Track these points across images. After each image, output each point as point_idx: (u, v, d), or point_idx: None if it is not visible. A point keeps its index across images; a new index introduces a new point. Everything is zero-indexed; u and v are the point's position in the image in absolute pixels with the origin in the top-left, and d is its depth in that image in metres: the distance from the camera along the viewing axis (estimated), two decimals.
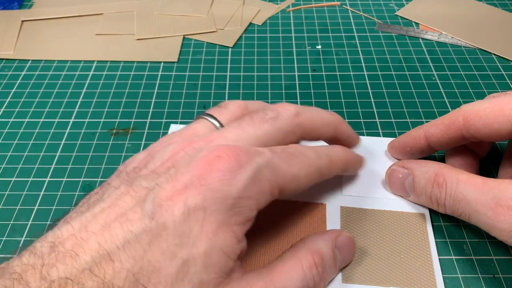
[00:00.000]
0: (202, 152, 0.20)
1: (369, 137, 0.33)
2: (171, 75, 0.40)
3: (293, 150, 0.23)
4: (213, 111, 0.25)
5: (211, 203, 0.19)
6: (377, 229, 0.27)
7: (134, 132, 0.35)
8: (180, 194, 0.19)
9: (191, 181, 0.19)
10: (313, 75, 0.40)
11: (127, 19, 0.47)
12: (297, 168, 0.22)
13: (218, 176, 0.19)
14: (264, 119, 0.23)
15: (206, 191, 0.19)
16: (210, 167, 0.19)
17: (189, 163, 0.20)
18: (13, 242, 0.27)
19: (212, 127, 0.24)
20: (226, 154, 0.20)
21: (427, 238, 0.27)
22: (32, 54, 0.43)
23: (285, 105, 0.25)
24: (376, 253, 0.26)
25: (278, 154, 0.22)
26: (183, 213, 0.18)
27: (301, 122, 0.24)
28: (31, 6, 0.49)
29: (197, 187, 0.19)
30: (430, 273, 0.25)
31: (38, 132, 0.35)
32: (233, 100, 0.26)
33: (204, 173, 0.19)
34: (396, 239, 0.26)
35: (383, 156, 0.31)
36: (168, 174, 0.20)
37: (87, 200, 0.22)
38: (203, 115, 0.25)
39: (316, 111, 0.26)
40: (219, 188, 0.19)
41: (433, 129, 0.28)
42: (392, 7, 0.49)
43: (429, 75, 0.40)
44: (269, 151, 0.21)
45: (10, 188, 0.31)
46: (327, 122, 0.26)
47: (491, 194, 0.23)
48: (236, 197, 0.19)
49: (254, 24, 0.47)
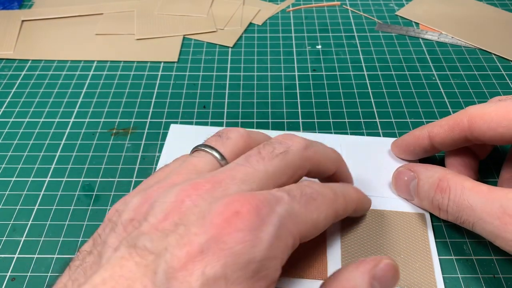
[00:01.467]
0: (215, 206, 0.18)
1: (371, 137, 0.33)
2: (171, 75, 0.40)
3: (311, 190, 0.21)
4: (213, 141, 0.23)
5: (232, 270, 0.16)
6: (377, 229, 0.27)
7: (134, 132, 0.35)
8: (196, 261, 0.16)
9: (208, 245, 0.17)
10: (313, 75, 0.40)
11: (127, 19, 0.47)
12: (317, 213, 0.21)
13: (240, 237, 0.17)
14: (273, 154, 0.21)
15: (227, 256, 0.16)
16: (229, 226, 0.17)
17: (202, 219, 0.17)
18: (13, 242, 0.27)
19: (214, 161, 0.22)
20: (245, 209, 0.17)
21: (427, 238, 0.27)
22: (32, 54, 0.43)
23: (292, 137, 0.23)
24: (376, 253, 0.26)
25: (297, 199, 0.20)
26: (201, 284, 0.16)
27: (310, 156, 0.23)
28: (31, 6, 0.49)
29: (215, 252, 0.16)
30: (430, 273, 0.25)
31: (38, 132, 0.35)
32: (233, 127, 0.24)
33: (222, 235, 0.17)
34: (396, 239, 0.26)
35: (385, 156, 0.31)
36: (177, 234, 0.17)
37: (81, 261, 0.19)
38: (202, 147, 0.23)
39: (321, 145, 0.25)
40: (241, 251, 0.17)
41: (437, 129, 0.28)
42: (392, 7, 0.49)
43: (429, 75, 0.40)
44: (287, 196, 0.20)
45: (10, 188, 0.31)
46: (331, 158, 0.25)
47: (498, 203, 0.22)
48: (260, 260, 0.17)
49: (254, 24, 0.47)
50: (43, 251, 0.27)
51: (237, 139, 0.23)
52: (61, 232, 0.28)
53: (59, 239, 0.28)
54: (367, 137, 0.33)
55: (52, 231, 0.28)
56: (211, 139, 0.23)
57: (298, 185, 0.21)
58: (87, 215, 0.29)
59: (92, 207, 0.29)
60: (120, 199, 0.22)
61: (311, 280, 0.24)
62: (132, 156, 0.33)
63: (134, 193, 0.22)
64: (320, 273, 0.25)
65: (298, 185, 0.21)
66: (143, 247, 0.17)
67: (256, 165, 0.21)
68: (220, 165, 0.22)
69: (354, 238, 0.26)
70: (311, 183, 0.22)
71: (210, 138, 0.24)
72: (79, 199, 0.30)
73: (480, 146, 0.29)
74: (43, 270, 0.26)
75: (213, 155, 0.22)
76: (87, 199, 0.30)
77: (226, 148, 0.23)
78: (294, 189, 0.20)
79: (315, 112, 0.36)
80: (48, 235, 0.28)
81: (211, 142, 0.23)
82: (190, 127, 0.34)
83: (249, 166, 0.20)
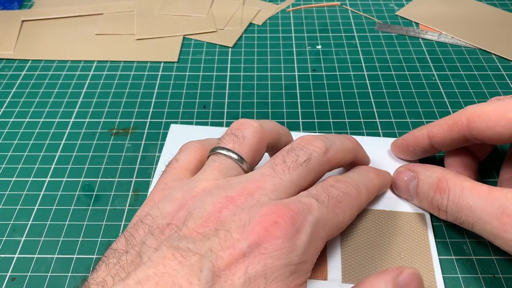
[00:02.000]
0: (255, 216, 0.19)
1: (371, 137, 0.33)
2: (171, 75, 0.40)
3: (337, 192, 0.23)
4: (230, 142, 0.24)
5: (272, 270, 0.18)
6: (377, 229, 0.27)
7: (134, 132, 0.35)
8: (238, 263, 0.18)
9: (250, 250, 0.18)
10: (313, 75, 0.40)
11: (127, 19, 0.47)
12: (343, 215, 0.22)
13: (278, 244, 0.19)
14: (298, 162, 0.23)
15: (267, 259, 0.18)
16: (268, 233, 0.19)
17: (242, 227, 0.19)
18: (13, 242, 0.27)
19: (235, 165, 0.23)
20: (282, 219, 0.19)
21: (427, 238, 0.27)
22: (32, 54, 0.43)
23: (313, 141, 0.24)
24: (376, 253, 0.26)
25: (325, 204, 0.22)
26: (244, 282, 0.18)
27: (330, 158, 0.24)
28: (31, 6, 0.49)
29: (256, 255, 0.18)
30: (430, 273, 0.25)
31: (38, 132, 0.35)
32: (246, 121, 0.25)
33: (263, 241, 0.19)
34: (396, 239, 0.26)
35: (385, 156, 0.31)
36: (219, 238, 0.19)
37: (118, 259, 0.20)
38: (219, 150, 0.24)
39: (339, 140, 0.25)
40: (280, 256, 0.19)
41: (436, 129, 0.28)
42: (392, 7, 0.49)
43: (429, 75, 0.40)
44: (316, 202, 0.21)
45: (10, 188, 0.31)
46: (349, 150, 0.26)
47: (498, 203, 0.22)
48: (296, 263, 0.19)
49: (254, 24, 0.47)
50: (43, 251, 0.27)
51: (253, 136, 0.24)
52: (61, 232, 0.28)
53: (59, 239, 0.28)
54: (366, 137, 0.33)
55: (52, 231, 0.28)
56: (227, 139, 0.24)
57: (325, 187, 0.23)
58: (87, 215, 0.29)
59: (92, 207, 0.29)
60: (146, 201, 0.23)
61: (311, 280, 0.24)
62: (132, 156, 0.33)
63: (159, 195, 0.23)
64: (320, 273, 0.25)
65: (325, 188, 0.23)
66: (186, 248, 0.18)
67: (282, 175, 0.22)
68: (241, 167, 0.24)
69: (354, 238, 0.26)
70: (335, 181, 0.24)
71: (226, 138, 0.24)
72: (79, 199, 0.30)
73: (479, 146, 0.29)
74: (43, 270, 0.26)
75: (232, 159, 0.23)
76: (87, 199, 0.30)
77: (244, 149, 0.24)
78: (321, 194, 0.22)
79: (315, 112, 0.36)
80: (48, 235, 0.28)
81: (228, 143, 0.24)
82: (190, 127, 0.34)
83: (276, 176, 0.22)
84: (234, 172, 0.23)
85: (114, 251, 0.20)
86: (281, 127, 0.27)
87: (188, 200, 0.21)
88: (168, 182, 0.23)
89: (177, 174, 0.24)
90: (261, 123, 0.25)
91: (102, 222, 0.28)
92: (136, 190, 0.30)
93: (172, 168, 0.25)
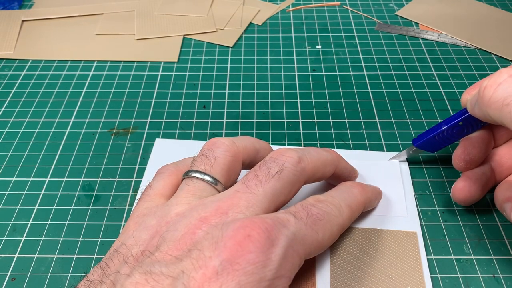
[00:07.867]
0: (227, 231, 0.19)
1: (359, 151, 0.32)
2: (171, 75, 0.40)
3: (317, 210, 0.22)
4: (201, 164, 0.23)
5: (246, 287, 0.18)
6: (367, 248, 0.26)
7: (134, 132, 0.35)
8: (211, 282, 0.18)
9: (222, 267, 0.18)
10: (313, 75, 0.40)
11: (127, 19, 0.47)
12: (322, 233, 0.22)
13: (252, 258, 0.18)
14: (270, 175, 0.22)
15: (240, 275, 0.18)
16: (241, 248, 0.18)
17: (215, 244, 0.19)
18: (13, 242, 0.28)
19: (208, 187, 0.23)
20: (256, 232, 0.19)
21: (419, 257, 0.26)
22: (32, 54, 0.43)
23: (285, 152, 0.23)
24: (367, 273, 0.25)
25: (304, 221, 0.21)
26: None
27: (304, 168, 0.23)
28: (31, 6, 0.49)
29: (230, 272, 0.18)
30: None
31: (38, 132, 0.35)
32: (217, 140, 0.24)
33: (236, 257, 0.18)
34: (387, 259, 0.26)
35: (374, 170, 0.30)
36: (192, 258, 0.18)
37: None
38: (192, 173, 0.23)
39: (315, 151, 0.25)
40: (253, 271, 0.18)
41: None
42: (392, 7, 0.49)
43: (429, 75, 0.40)
44: (294, 218, 0.21)
45: (10, 188, 0.31)
46: (327, 162, 0.25)
47: None
48: (271, 279, 0.18)
49: (254, 24, 0.47)
50: (43, 251, 0.27)
51: (224, 155, 0.24)
52: (61, 232, 0.28)
53: (59, 239, 0.28)
54: (354, 150, 0.33)
55: (52, 231, 0.28)
56: (198, 161, 0.24)
57: (304, 206, 0.22)
58: (87, 215, 0.29)
59: (92, 207, 0.29)
60: (122, 231, 0.23)
61: None
62: (132, 156, 0.33)
63: (134, 223, 0.22)
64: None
65: (304, 206, 0.22)
66: (159, 272, 0.18)
67: (255, 190, 0.22)
68: (215, 188, 0.23)
69: (344, 257, 0.26)
70: (316, 200, 0.23)
71: (198, 161, 0.24)
72: (79, 199, 0.30)
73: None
74: (43, 270, 0.26)
75: (205, 181, 0.23)
76: (87, 199, 0.30)
77: (216, 169, 0.23)
78: (300, 211, 0.22)
79: (315, 112, 0.36)
80: (48, 235, 0.28)
81: (199, 166, 0.23)
82: (175, 141, 0.34)
83: (250, 192, 0.21)
84: (208, 193, 0.23)
85: (90, 282, 0.20)
86: (258, 141, 0.26)
87: (163, 226, 0.21)
88: (142, 210, 0.23)
89: (152, 200, 0.24)
90: (234, 140, 0.24)
91: (102, 222, 0.28)
92: (136, 190, 0.30)
93: (147, 195, 0.24)
